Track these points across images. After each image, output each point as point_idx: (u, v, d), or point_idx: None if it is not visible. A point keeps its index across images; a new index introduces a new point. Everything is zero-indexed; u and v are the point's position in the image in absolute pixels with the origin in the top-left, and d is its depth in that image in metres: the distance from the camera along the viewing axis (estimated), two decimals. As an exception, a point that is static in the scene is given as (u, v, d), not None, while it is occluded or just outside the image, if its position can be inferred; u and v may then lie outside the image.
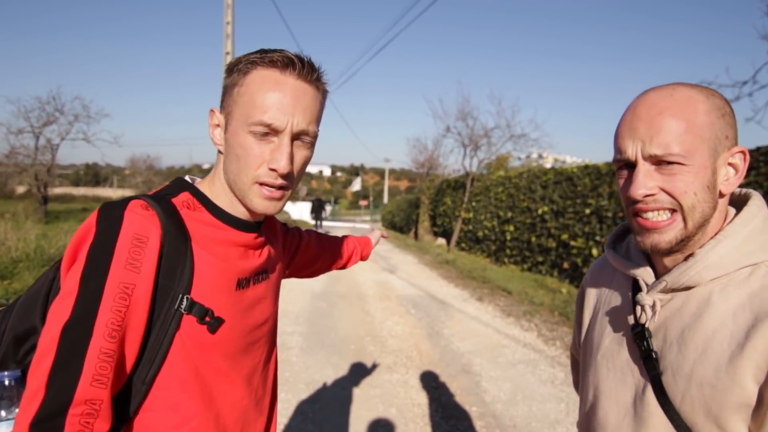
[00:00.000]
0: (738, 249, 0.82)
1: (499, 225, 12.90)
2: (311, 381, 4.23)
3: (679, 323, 0.85)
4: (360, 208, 63.59)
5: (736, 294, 0.81)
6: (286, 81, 0.87)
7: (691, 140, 0.80)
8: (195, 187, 0.94)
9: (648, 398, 0.86)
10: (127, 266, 0.77)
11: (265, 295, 1.03)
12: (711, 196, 0.82)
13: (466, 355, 5.14)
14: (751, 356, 0.75)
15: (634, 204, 0.84)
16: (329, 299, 7.55)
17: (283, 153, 0.86)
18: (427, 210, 19.54)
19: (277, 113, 0.85)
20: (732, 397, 0.76)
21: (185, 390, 0.85)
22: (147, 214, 0.81)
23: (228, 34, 14.04)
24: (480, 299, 8.04)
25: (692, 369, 0.81)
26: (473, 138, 14.66)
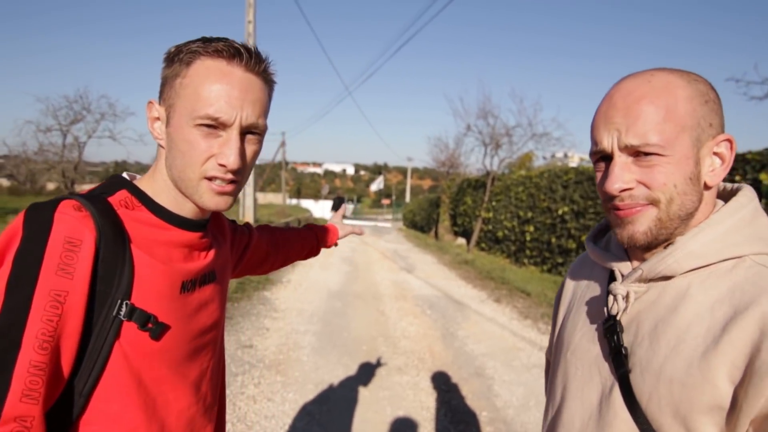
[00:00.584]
0: (721, 239, 0.75)
1: (519, 225, 12.72)
2: (320, 381, 4.20)
3: (653, 316, 0.78)
4: (382, 207, 63.66)
5: (716, 287, 0.74)
6: (233, 72, 0.82)
7: (670, 129, 0.73)
8: (133, 185, 0.87)
9: (614, 398, 0.79)
10: (58, 272, 0.71)
11: (212, 298, 0.97)
12: (694, 189, 0.76)
13: (480, 358, 5.05)
14: (726, 352, 0.68)
15: (610, 200, 0.78)
16: (345, 298, 7.52)
17: (232, 148, 0.82)
18: (447, 209, 19.41)
19: (225, 106, 0.80)
20: (703, 397, 0.69)
21: (127, 401, 0.80)
22: (79, 216, 0.75)
23: (250, 32, 14.14)
24: (498, 300, 7.92)
25: (662, 365, 0.74)
26: (494, 136, 14.47)
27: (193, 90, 0.81)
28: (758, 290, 0.70)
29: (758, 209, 0.79)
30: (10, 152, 17.70)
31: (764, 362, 0.64)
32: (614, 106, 0.77)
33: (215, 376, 1.02)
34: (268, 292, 7.60)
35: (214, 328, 0.99)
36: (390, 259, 12.74)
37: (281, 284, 8.29)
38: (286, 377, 4.26)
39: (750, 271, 0.73)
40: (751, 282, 0.71)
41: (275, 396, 3.87)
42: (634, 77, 0.78)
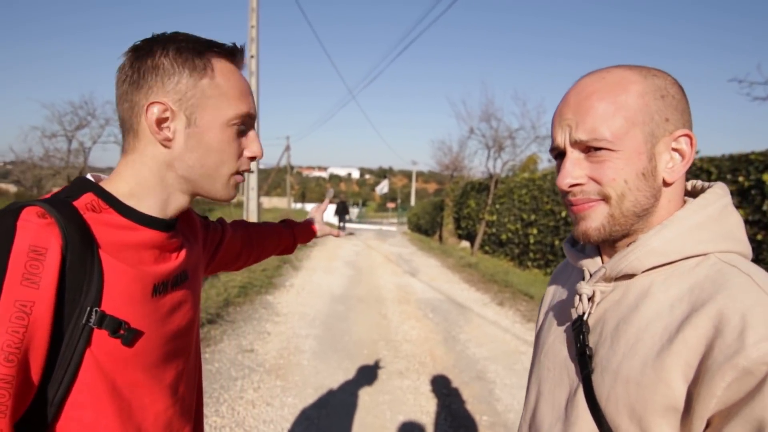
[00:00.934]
0: (685, 236, 0.73)
1: (523, 228, 12.68)
2: (320, 386, 4.19)
3: (616, 316, 0.76)
4: (387, 211, 63.62)
5: (677, 285, 0.72)
6: (239, 70, 0.90)
7: (620, 124, 0.73)
8: (99, 187, 0.85)
9: (578, 399, 0.77)
10: (23, 282, 0.69)
11: (185, 299, 0.96)
12: (647, 184, 0.74)
13: (482, 362, 5.03)
14: (680, 350, 0.66)
15: (564, 196, 0.78)
16: (347, 302, 7.51)
17: (256, 138, 0.92)
18: (451, 212, 19.38)
19: (250, 102, 0.90)
20: (657, 397, 0.67)
21: (101, 408, 0.79)
22: (44, 223, 0.73)
23: (252, 37, 14.19)
24: (500, 304, 7.89)
25: (619, 365, 0.72)
26: (497, 139, 14.44)
27: (224, 91, 0.86)
28: (716, 287, 0.67)
29: (728, 207, 0.76)
30: (17, 158, 17.83)
31: (716, 360, 0.62)
32: (567, 103, 0.77)
33: (192, 376, 1.01)
34: (270, 296, 7.60)
35: (189, 328, 0.98)
36: (394, 262, 12.72)
37: (284, 288, 8.29)
38: (285, 381, 4.25)
39: (712, 269, 0.70)
40: (711, 279, 0.69)
41: (274, 400, 3.86)
42: (591, 74, 0.78)
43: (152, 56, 0.83)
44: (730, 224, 0.75)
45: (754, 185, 5.76)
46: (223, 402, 3.77)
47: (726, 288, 0.67)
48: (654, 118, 0.74)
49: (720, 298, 0.66)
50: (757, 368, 0.59)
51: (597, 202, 0.76)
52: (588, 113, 0.74)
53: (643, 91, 0.74)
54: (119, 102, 0.86)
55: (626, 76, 0.75)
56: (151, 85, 0.83)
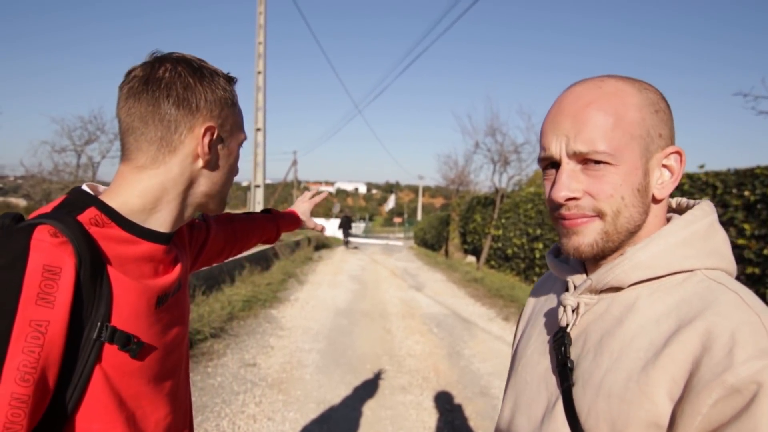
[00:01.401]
0: (672, 251, 0.72)
1: (528, 242, 12.63)
2: (322, 400, 4.16)
3: (600, 329, 0.75)
4: (394, 225, 63.57)
5: (664, 300, 0.71)
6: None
7: (620, 137, 0.71)
8: (101, 201, 0.86)
9: (557, 412, 0.76)
10: (38, 302, 0.69)
11: (181, 307, 1.00)
12: (641, 201, 0.74)
13: (486, 377, 4.98)
14: (666, 366, 0.64)
15: (557, 209, 0.76)
16: (352, 317, 7.49)
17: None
18: (457, 227, 19.34)
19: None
20: (640, 412, 0.65)
21: (108, 419, 0.81)
22: (57, 242, 0.73)
23: (260, 53, 14.35)
24: (506, 319, 7.83)
25: (602, 378, 0.70)
26: (502, 154, 14.45)
27: (238, 118, 0.99)
28: (705, 304, 0.67)
29: (714, 224, 0.76)
30: (27, 172, 18.00)
31: (703, 377, 0.61)
32: (562, 111, 0.75)
33: (186, 381, 1.06)
34: (274, 310, 7.59)
35: (184, 335, 1.02)
36: (399, 277, 12.68)
37: (288, 302, 8.28)
38: (287, 396, 4.22)
39: (699, 286, 0.70)
40: (699, 296, 0.68)
41: (276, 415, 3.84)
42: (585, 82, 0.76)
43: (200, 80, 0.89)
44: (716, 241, 0.75)
45: (760, 199, 5.72)
46: (225, 416, 3.76)
47: (714, 305, 0.66)
48: (649, 133, 0.73)
49: (708, 315, 0.65)
50: (746, 387, 0.58)
51: (591, 218, 0.74)
52: (587, 124, 0.72)
53: (640, 104, 0.73)
54: (150, 117, 0.86)
55: (622, 88, 0.74)
56: (201, 109, 0.89)
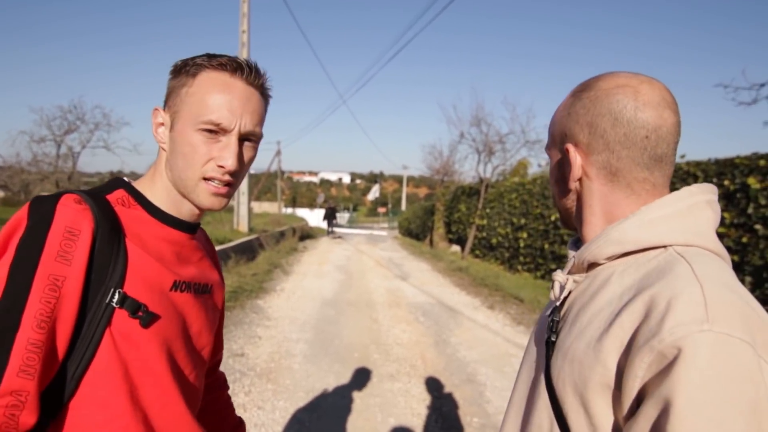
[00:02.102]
0: (643, 227, 0.76)
1: (513, 232, 12.75)
2: (311, 389, 4.19)
3: (579, 303, 0.81)
4: (378, 215, 63.65)
5: (633, 275, 0.75)
6: (235, 84, 0.90)
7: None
8: (131, 185, 0.95)
9: (540, 380, 0.83)
10: (57, 258, 0.77)
11: (205, 309, 1.02)
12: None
13: (472, 365, 5.05)
14: (616, 333, 0.69)
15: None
16: (338, 306, 7.52)
17: (231, 151, 0.90)
18: (442, 217, 19.43)
19: (227, 113, 0.89)
20: (595, 375, 0.70)
21: (114, 387, 0.84)
22: (79, 208, 0.81)
23: (244, 42, 14.20)
24: (491, 307, 7.93)
25: (570, 345, 0.77)
26: (487, 144, 14.53)
27: (198, 98, 0.89)
28: (659, 275, 0.70)
29: (700, 204, 0.78)
30: (5, 163, 17.65)
31: (638, 342, 0.65)
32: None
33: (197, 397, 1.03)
34: (261, 300, 7.59)
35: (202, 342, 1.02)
36: (384, 266, 12.73)
37: (275, 293, 8.28)
38: (276, 385, 4.25)
39: (663, 260, 0.73)
40: (659, 269, 0.72)
41: (266, 404, 3.86)
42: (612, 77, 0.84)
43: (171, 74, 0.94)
44: (695, 219, 0.77)
45: (739, 189, 5.84)
46: (214, 406, 3.76)
47: (665, 276, 0.69)
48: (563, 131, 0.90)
49: (657, 285, 0.69)
50: (669, 351, 0.61)
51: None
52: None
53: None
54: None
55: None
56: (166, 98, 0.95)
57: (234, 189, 0.96)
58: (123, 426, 0.85)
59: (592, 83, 0.83)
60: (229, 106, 0.89)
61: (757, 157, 5.65)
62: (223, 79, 0.90)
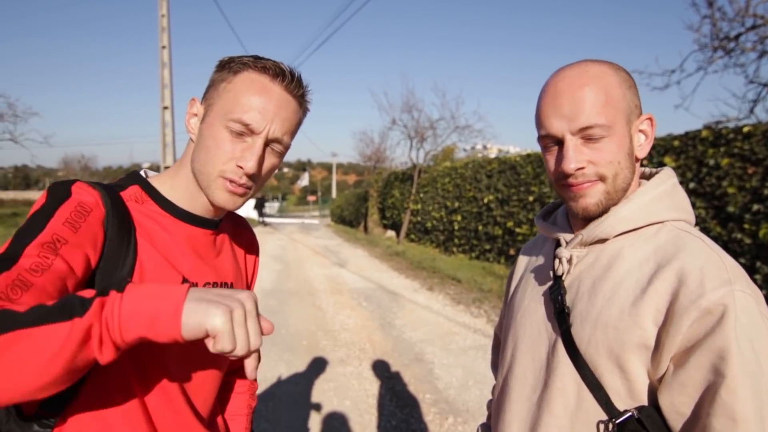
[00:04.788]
0: (646, 207, 0.88)
1: (447, 215, 13.08)
2: (263, 379, 4.16)
3: (591, 276, 0.90)
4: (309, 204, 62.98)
5: (643, 248, 0.87)
6: (273, 88, 0.90)
7: (611, 112, 0.85)
8: (146, 181, 0.95)
9: (558, 348, 0.90)
10: (65, 223, 0.76)
11: None
12: (631, 162, 0.89)
13: (419, 344, 5.19)
14: (651, 299, 0.80)
15: (565, 178, 0.89)
16: (280, 296, 7.45)
17: (254, 154, 0.88)
18: (375, 203, 19.58)
19: (258, 116, 0.88)
20: (633, 338, 0.81)
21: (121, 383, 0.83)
22: (94, 192, 0.83)
23: (164, 26, 13.53)
24: (430, 289, 8.14)
25: (599, 314, 0.85)
26: (419, 130, 14.77)
27: (233, 95, 0.88)
28: (677, 248, 0.83)
29: (676, 185, 0.93)
30: None
31: (681, 305, 0.76)
32: (561, 94, 0.87)
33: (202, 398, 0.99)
34: (199, 294, 7.37)
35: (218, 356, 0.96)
36: (321, 254, 12.70)
37: (212, 286, 8.07)
38: (227, 377, 4.18)
39: (671, 234, 0.86)
40: (671, 243, 0.84)
41: (218, 397, 3.80)
42: (572, 68, 0.89)
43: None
44: (679, 197, 0.92)
45: (657, 167, 6.33)
46: (164, 403, 3.67)
47: (684, 249, 0.82)
48: (629, 105, 0.88)
49: (681, 256, 0.81)
50: (716, 308, 0.73)
51: (595, 182, 0.88)
52: (585, 103, 0.85)
53: (619, 82, 0.87)
54: None
55: (604, 70, 0.87)
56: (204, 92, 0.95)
57: (252, 193, 0.94)
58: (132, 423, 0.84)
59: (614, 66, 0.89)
60: (262, 108, 0.88)
61: (672, 138, 6.12)
62: (263, 81, 0.89)
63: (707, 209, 5.53)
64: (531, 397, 0.95)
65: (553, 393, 0.89)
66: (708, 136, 5.59)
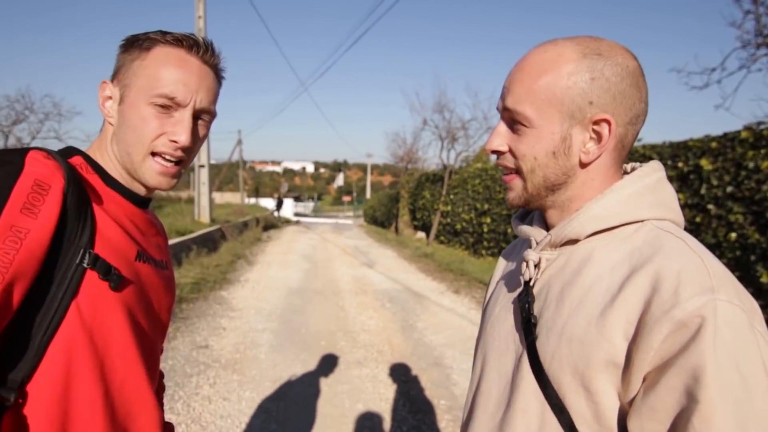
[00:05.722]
0: (623, 203, 0.77)
1: (477, 217, 12.89)
2: (278, 378, 4.15)
3: (560, 280, 0.79)
4: (343, 204, 63.43)
5: (618, 249, 0.75)
6: (191, 60, 0.89)
7: (539, 102, 0.76)
8: (86, 154, 0.92)
9: (523, 363, 0.80)
10: (23, 210, 0.73)
11: (164, 287, 1.00)
12: (556, 163, 0.78)
13: (439, 348, 5.10)
14: (621, 308, 0.69)
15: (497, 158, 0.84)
16: (304, 295, 7.46)
17: (185, 127, 0.88)
18: (406, 204, 19.50)
19: (182, 88, 0.87)
20: (599, 353, 0.69)
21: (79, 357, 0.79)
22: (50, 163, 0.78)
23: (200, 28, 13.81)
24: (456, 292, 8.02)
25: (564, 325, 0.75)
26: (450, 131, 14.62)
27: (152, 71, 0.87)
28: (654, 250, 0.71)
29: (662, 180, 0.80)
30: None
31: (653, 315, 0.65)
32: (511, 69, 0.80)
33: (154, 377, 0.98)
34: (225, 291, 7.46)
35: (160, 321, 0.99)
36: (350, 254, 12.71)
37: (239, 283, 8.15)
38: (242, 376, 4.18)
39: (649, 234, 0.74)
40: (649, 243, 0.73)
41: (231, 395, 3.80)
42: (542, 44, 0.79)
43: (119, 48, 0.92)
44: (664, 195, 0.79)
45: (693, 170, 6.03)
46: (178, 399, 3.69)
47: (662, 251, 0.70)
48: (575, 101, 0.74)
49: (657, 259, 0.69)
50: (691, 320, 0.62)
51: (515, 175, 0.82)
52: (516, 86, 0.77)
53: (574, 71, 0.74)
54: None
55: (564, 55, 0.75)
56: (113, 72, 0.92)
57: (184, 167, 0.94)
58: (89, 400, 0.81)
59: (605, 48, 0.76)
60: (185, 80, 0.87)
61: (709, 140, 5.83)
62: (179, 54, 0.88)
63: (745, 215, 5.24)
64: (494, 416, 0.85)
65: (515, 414, 0.79)
66: (748, 137, 5.29)
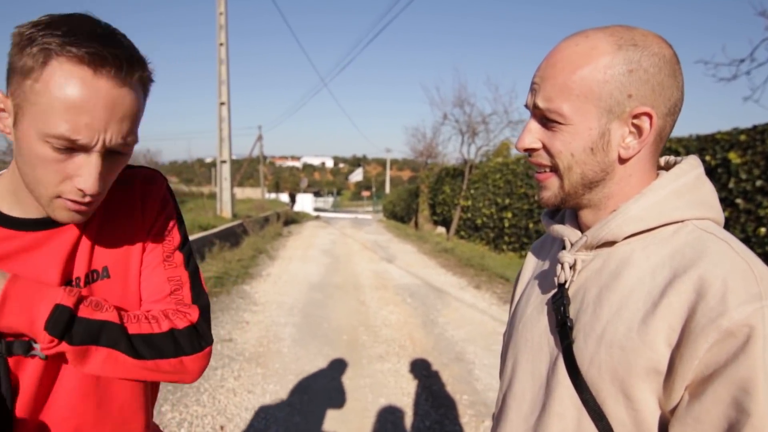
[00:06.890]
0: (662, 203, 0.74)
1: (498, 212, 12.81)
2: (301, 372, 4.19)
3: (597, 284, 0.77)
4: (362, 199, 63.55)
5: (658, 252, 0.73)
6: (99, 86, 0.69)
7: (575, 99, 0.73)
8: None
9: (559, 367, 0.78)
10: None
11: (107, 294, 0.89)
12: (594, 159, 0.75)
13: (460, 343, 5.09)
14: (664, 315, 0.67)
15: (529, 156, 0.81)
16: (325, 290, 7.50)
17: (92, 173, 0.73)
18: (426, 199, 19.45)
19: (85, 129, 0.69)
20: (640, 360, 0.68)
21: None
22: None
23: (222, 24, 13.91)
24: (477, 287, 7.98)
25: (603, 330, 0.73)
26: (471, 125, 14.53)
27: (46, 100, 0.68)
28: (697, 254, 0.69)
29: (701, 176, 0.77)
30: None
31: (698, 323, 0.63)
32: (541, 64, 0.77)
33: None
34: (247, 286, 7.54)
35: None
36: (370, 249, 12.74)
37: (261, 278, 8.24)
38: (266, 369, 4.23)
39: (691, 236, 0.72)
40: (690, 246, 0.70)
41: (255, 388, 3.85)
42: (572, 37, 0.76)
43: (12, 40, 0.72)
44: (704, 192, 0.76)
45: (721, 164, 5.92)
46: (204, 391, 3.75)
47: (706, 254, 0.68)
48: (613, 95, 0.72)
49: (701, 264, 0.67)
50: (739, 329, 0.61)
51: (550, 173, 0.79)
52: (548, 82, 0.75)
53: (610, 64, 0.72)
54: None
55: (598, 46, 0.72)
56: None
57: (98, 203, 0.80)
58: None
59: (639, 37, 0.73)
60: (89, 117, 0.69)
61: (738, 132, 5.71)
62: (82, 77, 0.68)
63: (777, 209, 5.12)
64: (528, 419, 0.84)
65: (550, 418, 0.78)
66: (779, 130, 5.17)
